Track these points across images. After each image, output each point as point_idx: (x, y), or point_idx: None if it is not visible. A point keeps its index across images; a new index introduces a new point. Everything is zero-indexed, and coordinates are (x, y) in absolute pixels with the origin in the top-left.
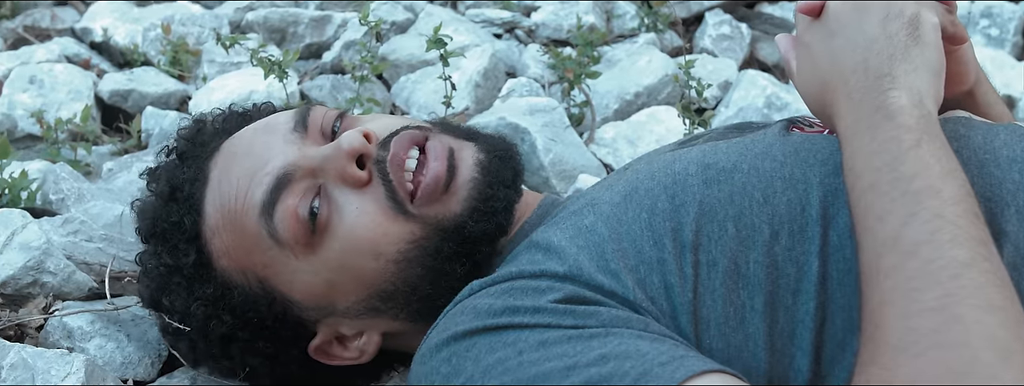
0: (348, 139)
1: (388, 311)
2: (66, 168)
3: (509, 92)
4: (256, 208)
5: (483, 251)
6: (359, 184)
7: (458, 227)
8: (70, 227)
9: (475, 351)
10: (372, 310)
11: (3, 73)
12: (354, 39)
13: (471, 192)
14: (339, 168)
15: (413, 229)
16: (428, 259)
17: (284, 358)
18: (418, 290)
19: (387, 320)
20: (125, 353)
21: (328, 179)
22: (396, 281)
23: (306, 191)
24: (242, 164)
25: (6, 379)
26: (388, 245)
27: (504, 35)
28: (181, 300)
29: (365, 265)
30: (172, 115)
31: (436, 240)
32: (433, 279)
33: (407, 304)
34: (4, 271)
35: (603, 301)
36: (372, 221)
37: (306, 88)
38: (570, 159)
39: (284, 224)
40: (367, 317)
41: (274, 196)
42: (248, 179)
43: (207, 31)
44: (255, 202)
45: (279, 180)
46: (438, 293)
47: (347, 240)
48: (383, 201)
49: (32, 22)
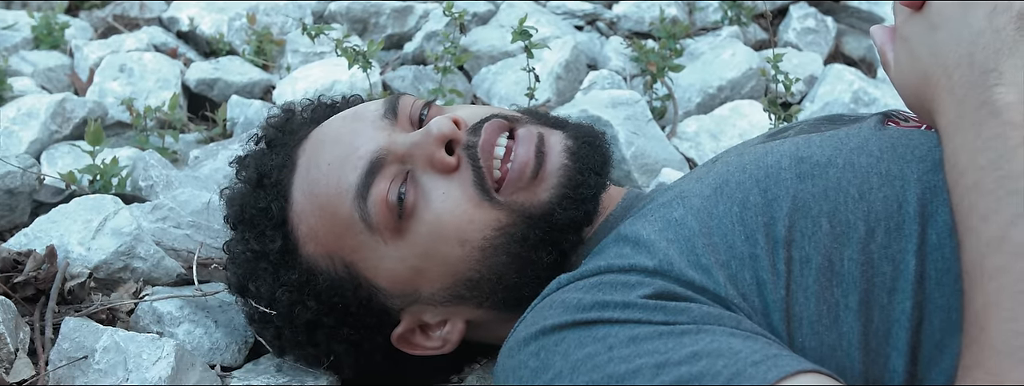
0: (438, 124)
1: (472, 299)
2: (155, 155)
3: (591, 84)
4: (351, 191)
5: (570, 240)
6: (447, 169)
7: (545, 215)
8: (159, 213)
9: (564, 346)
10: (456, 298)
11: (94, 62)
12: (436, 30)
13: (561, 179)
14: (428, 153)
15: (499, 216)
16: (514, 247)
17: (368, 346)
18: (503, 278)
19: (471, 308)
20: (213, 339)
21: (416, 165)
22: (481, 268)
23: (394, 177)
24: (332, 151)
25: (99, 362)
26: (474, 232)
27: (585, 27)
28: (267, 286)
29: (450, 251)
30: (256, 104)
31: (522, 227)
32: (519, 267)
33: (492, 293)
34: (96, 256)
35: (694, 297)
36: (458, 207)
37: (388, 79)
38: (652, 153)
39: (375, 208)
40: (451, 305)
41: (368, 179)
42: (339, 164)
43: (291, 21)
44: (349, 185)
45: (372, 164)
46: (523, 282)
47: (433, 226)
48: (470, 187)
49: (121, 11)
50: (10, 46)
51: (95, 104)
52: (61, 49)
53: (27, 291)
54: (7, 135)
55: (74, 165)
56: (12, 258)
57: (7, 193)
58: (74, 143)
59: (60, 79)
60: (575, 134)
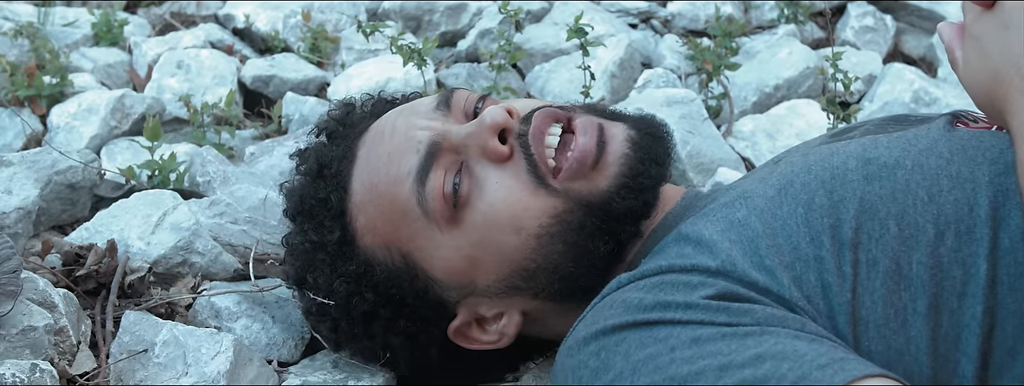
0: (491, 114)
1: (528, 290)
2: (212, 151)
3: (645, 83)
4: (409, 177)
5: (627, 230)
6: (501, 158)
7: (603, 203)
8: (216, 209)
9: (625, 346)
10: (512, 289)
11: (152, 58)
12: (489, 27)
13: (622, 168)
14: (482, 142)
15: (555, 203)
16: (570, 235)
17: (424, 339)
18: (559, 268)
19: (527, 300)
20: (270, 334)
21: (470, 155)
22: (537, 257)
23: (449, 167)
24: (389, 141)
25: (159, 355)
26: (529, 219)
27: (639, 25)
28: (325, 277)
29: (506, 240)
30: (311, 101)
31: (579, 215)
32: (575, 257)
33: (548, 283)
34: (156, 250)
35: (757, 299)
36: (512, 195)
37: (442, 76)
38: (708, 152)
39: (432, 195)
40: (507, 296)
41: (427, 165)
42: (398, 153)
43: (345, 18)
44: (407, 171)
45: (430, 148)
46: (580, 272)
47: (487, 214)
48: (524, 175)
49: (178, 9)
50: (71, 43)
51: (153, 100)
52: (120, 46)
53: (88, 284)
54: (68, 130)
55: (133, 160)
56: (74, 252)
57: (69, 188)
58: (133, 139)
59: (119, 75)
60: (637, 125)
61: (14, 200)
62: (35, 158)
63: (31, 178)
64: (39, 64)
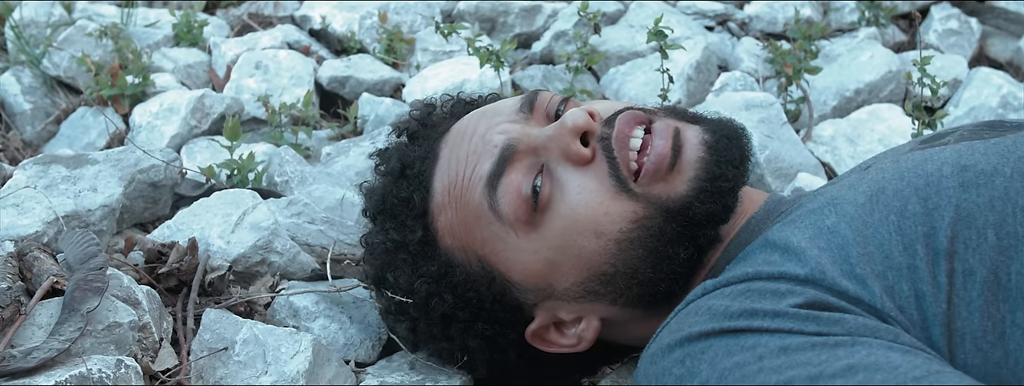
0: (573, 116)
1: (607, 295)
2: (289, 151)
3: (723, 86)
4: (482, 181)
5: (707, 235)
6: (582, 161)
7: (683, 208)
8: (294, 209)
9: (710, 354)
10: (591, 293)
11: (231, 59)
12: (564, 29)
13: (698, 171)
14: (563, 145)
15: (636, 208)
16: (650, 240)
17: (502, 342)
18: (639, 274)
19: (606, 305)
20: (348, 334)
21: (551, 157)
22: (616, 262)
23: (529, 169)
24: (469, 142)
25: (239, 353)
26: (610, 224)
27: (716, 28)
28: (405, 277)
29: (586, 244)
30: (387, 102)
31: (659, 221)
32: (655, 262)
33: (626, 288)
34: (235, 249)
35: (848, 308)
36: (594, 199)
37: (517, 78)
38: (787, 157)
39: (506, 199)
40: (585, 301)
41: (499, 169)
42: (475, 156)
43: (420, 19)
44: (480, 175)
45: (503, 153)
46: (659, 278)
47: (568, 218)
48: (606, 179)
49: (256, 10)
50: (152, 43)
51: (232, 100)
52: (200, 46)
53: (170, 282)
54: (149, 130)
55: (212, 159)
56: (156, 249)
57: (151, 186)
58: (213, 138)
59: (198, 75)
60: (713, 128)
61: (99, 198)
62: (119, 157)
63: (115, 176)
64: (122, 64)
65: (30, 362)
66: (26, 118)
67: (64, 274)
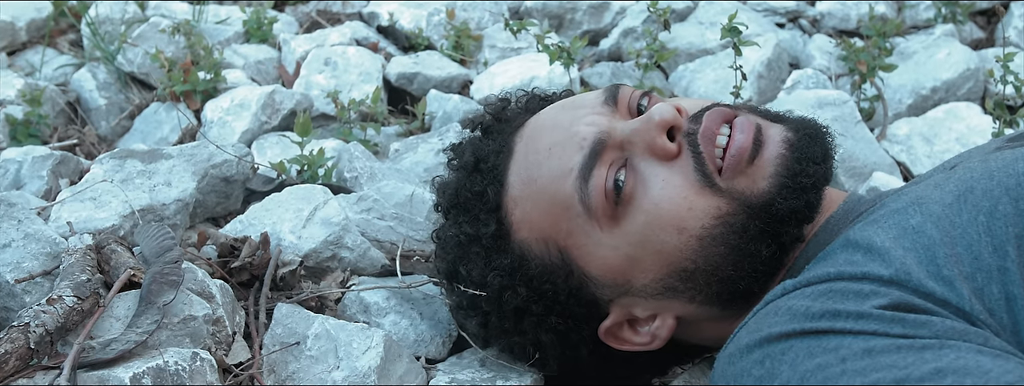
0: (660, 111)
1: (685, 292)
2: (359, 147)
3: (794, 84)
4: (573, 172)
5: (790, 233)
6: (668, 156)
7: (766, 204)
8: (364, 205)
9: (791, 355)
10: (669, 290)
11: (300, 55)
12: (632, 26)
13: (778, 168)
14: (649, 139)
15: (720, 204)
16: (733, 237)
17: (574, 337)
18: (719, 271)
19: (683, 303)
20: (418, 331)
21: (635, 152)
22: (697, 259)
23: (613, 163)
24: (552, 135)
25: (311, 348)
26: (693, 220)
27: (787, 24)
28: (478, 270)
29: (667, 240)
30: (455, 99)
31: (742, 217)
32: (736, 260)
33: (706, 286)
34: (307, 244)
35: (934, 310)
36: (678, 194)
37: (586, 75)
38: (861, 156)
39: (595, 192)
40: (663, 298)
41: (591, 161)
42: (561, 147)
43: (488, 16)
44: (572, 167)
45: (595, 145)
46: (739, 276)
47: (651, 213)
48: (691, 174)
49: (324, 7)
50: (223, 40)
51: (302, 96)
52: (269, 43)
53: (242, 276)
54: (221, 125)
55: (282, 155)
56: (229, 244)
57: (223, 181)
58: (283, 134)
59: (268, 72)
60: (796, 127)
61: (173, 192)
62: (193, 151)
63: (189, 171)
64: (194, 60)
65: (109, 353)
66: (101, 113)
67: (141, 267)
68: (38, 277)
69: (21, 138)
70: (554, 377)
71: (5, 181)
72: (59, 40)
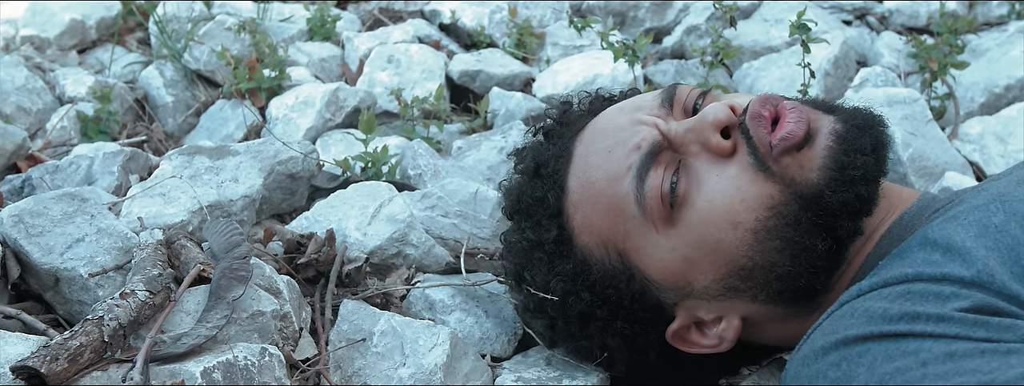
0: (713, 110)
1: (747, 291)
2: (423, 145)
3: (862, 82)
4: (630, 173)
5: (845, 226)
6: (723, 154)
7: (816, 196)
8: (428, 202)
9: (869, 358)
10: (730, 290)
11: (363, 52)
12: (696, 24)
13: (826, 160)
14: (703, 139)
15: (772, 192)
16: (787, 230)
17: (642, 342)
18: (777, 266)
19: (746, 303)
20: (483, 329)
21: (689, 153)
22: (754, 255)
23: (668, 165)
24: (610, 137)
25: (377, 345)
26: (745, 212)
27: (854, 21)
28: (541, 275)
29: (722, 237)
30: (517, 96)
31: (795, 208)
32: (793, 254)
33: (766, 284)
34: (372, 241)
35: (1019, 313)
36: (731, 186)
37: (650, 73)
38: (932, 155)
39: (651, 193)
40: (725, 299)
41: (648, 163)
42: (618, 149)
43: (550, 14)
44: (627, 168)
45: (652, 148)
46: (798, 272)
47: (704, 211)
48: (746, 162)
49: (386, 5)
50: (287, 37)
51: (365, 94)
52: (333, 41)
53: (308, 272)
54: (286, 122)
55: (346, 152)
56: (295, 240)
57: (289, 177)
58: (348, 131)
59: (332, 69)
60: (846, 118)
61: (240, 188)
62: (259, 148)
63: (255, 167)
64: (259, 58)
65: (180, 348)
66: (168, 110)
67: (210, 262)
68: (111, 271)
69: (92, 134)
70: (621, 378)
71: (77, 177)
72: (128, 38)
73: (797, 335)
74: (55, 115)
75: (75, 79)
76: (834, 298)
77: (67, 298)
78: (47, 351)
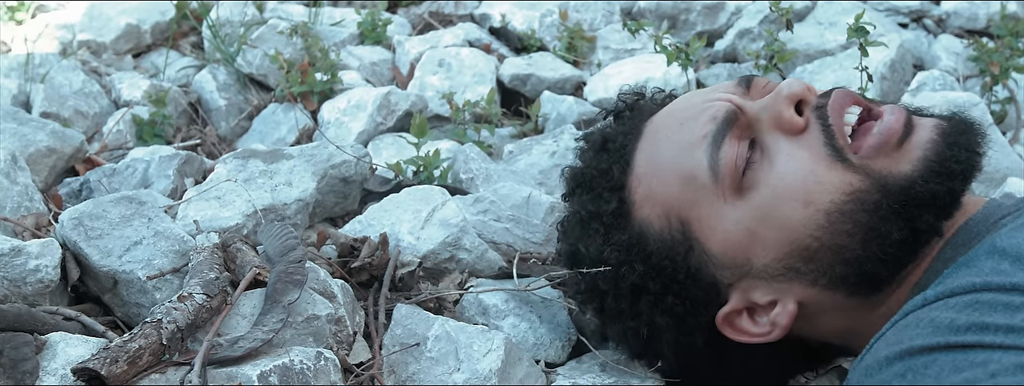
0: (788, 85)
1: (808, 274)
2: (474, 149)
3: (920, 85)
4: (705, 141)
5: (926, 220)
6: (795, 130)
7: (905, 187)
8: (480, 206)
9: (936, 369)
10: (790, 271)
11: (414, 56)
12: (748, 27)
13: (927, 152)
14: (776, 113)
15: (851, 180)
16: (862, 215)
17: (691, 322)
18: (844, 250)
19: (805, 286)
20: (537, 334)
21: (763, 128)
22: (822, 236)
23: (742, 137)
24: (684, 113)
25: (431, 350)
26: (821, 193)
27: (910, 24)
28: (596, 246)
29: (791, 214)
30: (569, 100)
31: (876, 196)
32: (864, 238)
33: (830, 267)
34: (425, 245)
35: None
36: (805, 166)
37: (702, 77)
38: (993, 160)
39: (725, 160)
40: (784, 280)
41: (724, 130)
42: (692, 121)
43: (600, 17)
44: (702, 136)
45: (728, 116)
46: (867, 257)
47: (775, 186)
48: (819, 148)
49: (436, 8)
50: (339, 41)
51: (417, 97)
52: (384, 44)
53: (361, 276)
54: (338, 126)
55: (397, 156)
56: (349, 244)
57: (342, 181)
58: (399, 134)
59: (383, 73)
60: (947, 118)
61: (294, 192)
62: (313, 152)
63: (309, 171)
64: (311, 62)
65: (237, 351)
66: (221, 114)
67: (265, 266)
68: (168, 274)
69: (147, 138)
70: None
71: (133, 179)
72: (181, 42)
73: (850, 331)
74: (111, 119)
75: (131, 83)
76: (894, 298)
77: (125, 300)
78: (107, 353)
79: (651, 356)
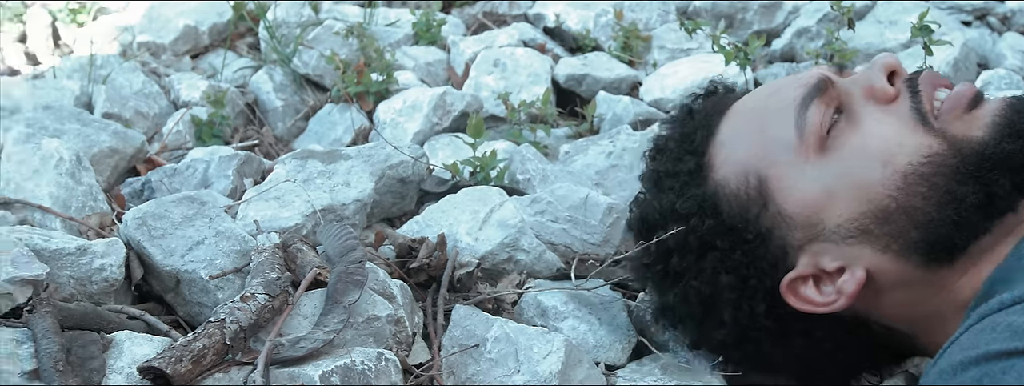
0: (884, 56)
1: (880, 238)
2: (531, 149)
3: (985, 85)
4: (795, 102)
5: (1001, 183)
6: (887, 98)
7: (978, 151)
8: (537, 207)
9: (1014, 374)
10: (863, 233)
11: (469, 57)
12: (806, 26)
13: (997, 117)
14: (869, 82)
15: (932, 143)
16: (939, 178)
17: (754, 284)
18: (919, 212)
19: (876, 252)
20: (597, 336)
21: (854, 99)
22: (898, 196)
23: (829, 103)
24: (774, 86)
25: (491, 351)
26: (901, 155)
27: (974, 22)
28: (668, 200)
29: (869, 174)
30: (624, 100)
31: (952, 160)
32: (938, 201)
33: (903, 231)
34: (483, 246)
35: None
36: (890, 129)
37: (760, 76)
38: None
39: (812, 118)
40: (855, 243)
41: (813, 94)
42: (784, 90)
43: (655, 17)
44: (792, 99)
45: (819, 83)
46: (940, 221)
47: (857, 147)
48: (906, 114)
49: (490, 9)
50: (393, 42)
51: (472, 98)
52: (438, 45)
53: (420, 277)
54: (393, 126)
55: (453, 156)
56: (407, 244)
57: (399, 181)
58: (455, 135)
59: (437, 73)
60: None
61: (352, 192)
62: (370, 152)
63: (367, 171)
64: (366, 62)
65: (299, 351)
66: (277, 114)
67: (325, 266)
68: (230, 274)
69: (206, 138)
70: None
71: (194, 180)
72: (239, 43)
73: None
74: (171, 119)
75: (189, 84)
76: (964, 284)
77: (187, 300)
78: (172, 352)
79: (710, 328)
